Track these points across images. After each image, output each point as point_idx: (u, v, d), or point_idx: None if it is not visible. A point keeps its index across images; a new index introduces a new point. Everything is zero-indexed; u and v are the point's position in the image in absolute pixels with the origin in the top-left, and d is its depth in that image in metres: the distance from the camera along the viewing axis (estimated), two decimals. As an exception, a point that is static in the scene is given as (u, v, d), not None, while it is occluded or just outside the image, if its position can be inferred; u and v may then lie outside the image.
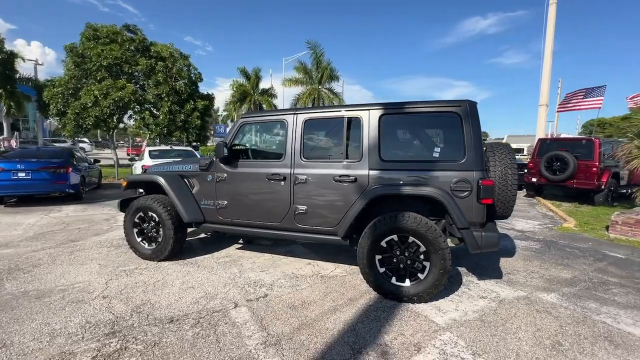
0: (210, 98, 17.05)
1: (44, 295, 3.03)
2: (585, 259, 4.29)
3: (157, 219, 3.83)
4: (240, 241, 4.81)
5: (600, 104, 13.47)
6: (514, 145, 22.90)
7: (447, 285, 3.06)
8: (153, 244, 3.93)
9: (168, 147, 9.42)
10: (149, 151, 8.71)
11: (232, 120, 44.39)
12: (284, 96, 33.13)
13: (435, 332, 2.47)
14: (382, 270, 2.96)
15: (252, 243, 4.73)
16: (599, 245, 4.93)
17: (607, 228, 5.72)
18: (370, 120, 3.07)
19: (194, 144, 16.95)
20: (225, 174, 3.62)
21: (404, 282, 2.91)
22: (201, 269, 3.69)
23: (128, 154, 30.07)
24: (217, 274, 3.57)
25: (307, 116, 3.33)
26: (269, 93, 31.93)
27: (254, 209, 3.54)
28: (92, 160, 9.88)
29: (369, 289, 3.17)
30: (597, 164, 8.22)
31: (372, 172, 3.02)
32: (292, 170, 3.31)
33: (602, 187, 8.26)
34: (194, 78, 16.09)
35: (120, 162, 14.58)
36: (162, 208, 3.76)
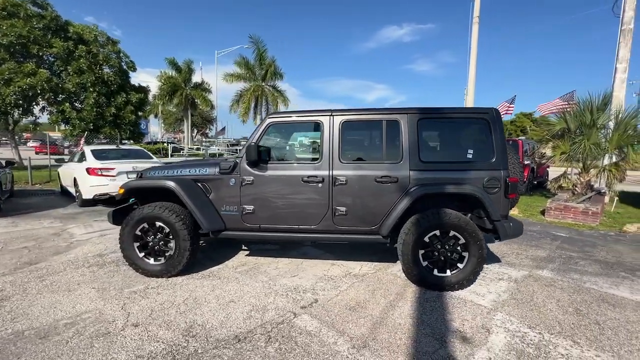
0: (145, 91, 15.21)
1: (49, 333, 2.45)
2: (544, 239, 5.22)
3: (167, 230, 3.39)
4: (244, 247, 4.54)
5: (512, 111, 16.23)
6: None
7: (473, 272, 3.44)
8: (161, 258, 3.46)
9: (114, 147, 8.12)
10: (93, 151, 7.41)
11: (156, 115, 40.11)
12: (218, 91, 31.31)
13: (489, 314, 2.78)
14: (424, 264, 3.18)
15: (260, 249, 4.51)
16: (545, 228, 6.05)
17: (542, 213, 7.02)
18: (409, 123, 3.24)
19: (125, 141, 14.96)
20: (252, 177, 3.40)
21: (445, 272, 3.18)
22: (226, 281, 3.40)
23: (37, 153, 25.00)
24: (247, 284, 3.34)
25: (344, 118, 3.34)
26: (202, 87, 29.87)
27: (287, 213, 3.40)
28: (2, 162, 7.95)
29: (406, 283, 3.37)
30: (521, 161, 9.95)
31: (412, 173, 3.21)
32: (331, 172, 3.30)
33: (524, 180, 10.03)
34: (125, 67, 14.12)
35: (35, 162, 11.99)
36: (175, 217, 3.34)
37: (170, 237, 3.40)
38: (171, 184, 3.39)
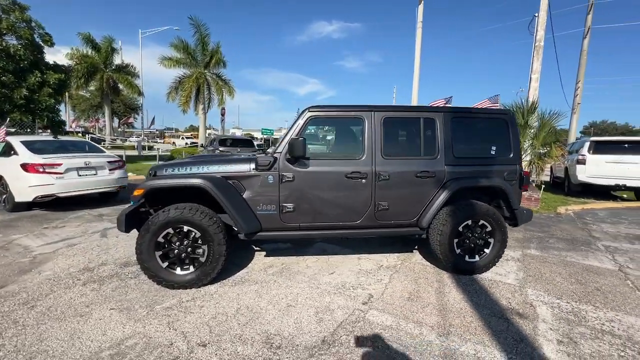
0: (66, 71, 12.73)
1: (97, 368, 2.00)
2: (511, 223, 6.09)
3: (197, 235, 3.01)
4: (256, 248, 4.27)
5: None
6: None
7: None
8: (190, 267, 3.07)
9: (52, 138, 6.64)
10: (26, 142, 5.97)
11: (62, 102, 33.84)
12: (143, 75, 27.91)
13: (521, 290, 3.19)
14: (458, 251, 3.46)
15: (275, 248, 4.29)
16: (504, 213, 7.04)
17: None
18: (444, 121, 3.45)
19: (40, 131, 12.25)
20: (292, 174, 3.22)
21: (474, 258, 3.51)
22: (266, 285, 3.18)
23: None
24: (291, 286, 3.19)
25: (385, 115, 3.38)
26: (128, 71, 26.31)
27: (330, 210, 3.32)
28: None
29: (436, 271, 3.63)
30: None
31: (447, 168, 3.44)
32: (374, 168, 3.32)
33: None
34: (39, 40, 11.57)
35: None
36: (208, 220, 2.98)
37: (200, 242, 3.04)
38: (206, 183, 3.00)
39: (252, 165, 3.21)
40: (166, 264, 3.02)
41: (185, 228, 3.00)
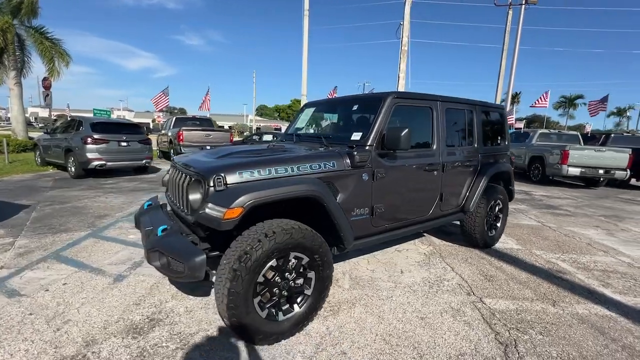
0: None
1: None
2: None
3: (303, 261, 2.21)
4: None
5: None
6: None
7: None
8: (294, 306, 2.22)
9: None
10: None
11: None
12: None
13: (525, 248, 3.98)
14: (485, 228, 3.95)
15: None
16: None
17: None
18: (478, 113, 3.76)
19: None
20: (383, 169, 2.79)
21: (492, 232, 4.10)
22: (365, 302, 2.70)
23: None
24: (389, 296, 2.84)
25: (446, 105, 3.36)
26: None
27: (409, 206, 3.09)
28: None
29: (467, 249, 4.04)
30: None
31: (480, 156, 3.81)
32: (442, 158, 3.29)
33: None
34: None
35: None
36: (318, 240, 2.23)
37: (305, 270, 2.24)
38: (318, 189, 2.18)
39: (348, 161, 2.57)
40: (265, 312, 2.07)
41: (292, 255, 2.12)
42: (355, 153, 2.57)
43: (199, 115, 14.84)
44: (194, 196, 2.16)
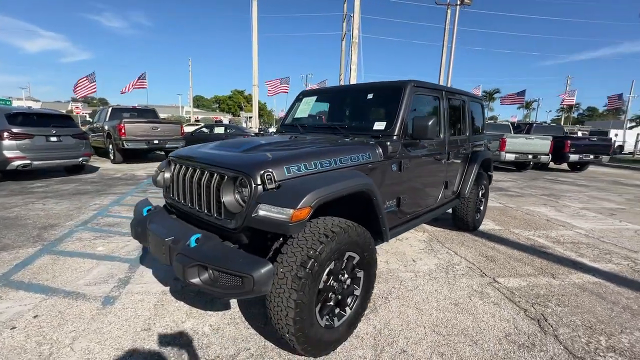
0: None
1: None
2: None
3: (356, 260, 2.06)
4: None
5: (288, 90, 19.04)
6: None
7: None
8: (345, 309, 2.06)
9: None
10: None
11: None
12: None
13: (505, 228, 4.37)
14: (475, 212, 4.22)
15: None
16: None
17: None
18: (468, 104, 3.94)
19: None
20: (408, 159, 2.74)
21: (477, 216, 4.39)
22: (398, 293, 2.66)
23: None
24: (417, 286, 2.83)
25: (449, 95, 3.43)
26: None
27: (425, 195, 3.12)
28: None
29: (458, 233, 4.27)
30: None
31: (471, 144, 4.01)
32: (447, 147, 3.37)
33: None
34: None
35: None
36: (367, 236, 2.09)
37: (354, 268, 2.10)
38: (369, 183, 2.02)
39: (380, 152, 2.45)
40: (324, 320, 1.88)
41: (346, 255, 1.95)
42: (389, 143, 2.47)
43: (141, 105, 13.18)
44: (230, 197, 1.84)
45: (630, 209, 6.14)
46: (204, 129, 13.58)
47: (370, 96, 3.09)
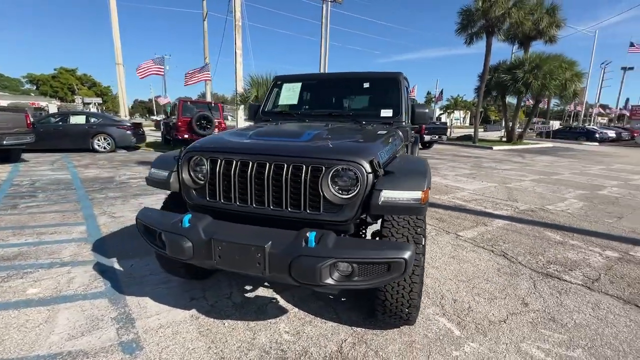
0: None
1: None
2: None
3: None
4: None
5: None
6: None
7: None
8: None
9: None
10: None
11: None
12: None
13: (444, 197, 5.51)
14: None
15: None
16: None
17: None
18: (402, 82, 4.61)
19: None
20: (410, 144, 3.13)
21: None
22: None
23: None
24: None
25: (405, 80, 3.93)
26: None
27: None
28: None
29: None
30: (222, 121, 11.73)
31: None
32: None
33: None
34: None
35: None
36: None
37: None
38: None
39: (402, 135, 2.72)
40: (413, 289, 2.07)
41: (418, 229, 2.18)
42: (408, 129, 2.76)
43: None
44: (332, 189, 1.73)
45: (478, 172, 8.59)
46: (52, 119, 10.22)
47: (366, 85, 3.27)
